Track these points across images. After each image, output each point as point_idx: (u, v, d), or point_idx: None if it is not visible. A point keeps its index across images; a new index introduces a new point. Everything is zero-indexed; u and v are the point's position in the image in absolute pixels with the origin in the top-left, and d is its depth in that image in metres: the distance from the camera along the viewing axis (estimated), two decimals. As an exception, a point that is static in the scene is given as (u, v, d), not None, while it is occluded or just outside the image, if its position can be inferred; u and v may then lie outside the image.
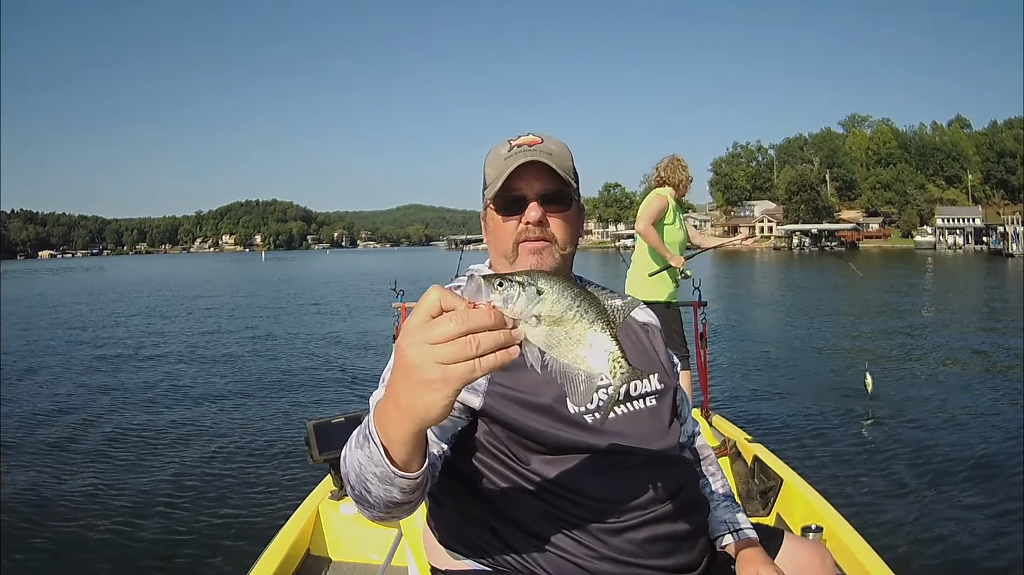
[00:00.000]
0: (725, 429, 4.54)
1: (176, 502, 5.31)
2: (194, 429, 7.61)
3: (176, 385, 10.10)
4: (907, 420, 7.49)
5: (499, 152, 1.39)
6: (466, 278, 1.39)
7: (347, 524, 3.21)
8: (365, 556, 3.14)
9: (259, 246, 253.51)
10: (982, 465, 5.97)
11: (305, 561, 3.09)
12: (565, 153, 1.41)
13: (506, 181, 1.33)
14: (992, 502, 5.08)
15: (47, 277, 58.85)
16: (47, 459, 6.51)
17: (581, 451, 1.29)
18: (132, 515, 5.03)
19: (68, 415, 8.30)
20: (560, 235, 1.37)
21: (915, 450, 6.41)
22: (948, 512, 4.92)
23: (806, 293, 25.87)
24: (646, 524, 1.28)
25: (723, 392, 8.80)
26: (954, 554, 4.30)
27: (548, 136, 1.42)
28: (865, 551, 2.79)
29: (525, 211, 1.35)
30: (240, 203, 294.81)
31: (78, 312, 22.36)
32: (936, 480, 5.61)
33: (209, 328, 17.53)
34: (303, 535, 3.12)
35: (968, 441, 6.65)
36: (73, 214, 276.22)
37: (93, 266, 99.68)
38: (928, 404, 8.18)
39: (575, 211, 1.41)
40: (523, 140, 1.39)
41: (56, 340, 15.49)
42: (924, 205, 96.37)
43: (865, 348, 12.33)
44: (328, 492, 3.42)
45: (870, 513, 4.77)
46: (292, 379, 10.32)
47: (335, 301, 24.93)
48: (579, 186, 1.46)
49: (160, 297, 29.36)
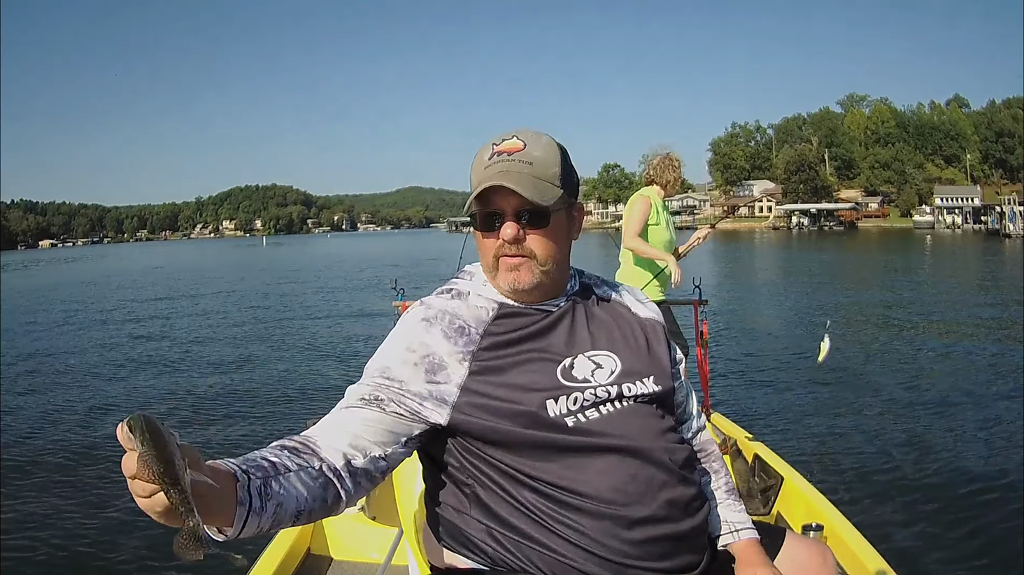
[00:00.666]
0: (725, 427, 4.50)
1: None
2: (194, 429, 7.60)
3: (175, 385, 10.00)
4: (908, 418, 7.50)
5: (482, 157, 1.35)
6: (464, 276, 1.46)
7: (347, 523, 3.22)
8: (365, 555, 3.15)
9: (259, 231, 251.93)
10: (983, 463, 5.95)
11: (305, 560, 3.12)
12: (549, 158, 1.34)
13: (482, 194, 1.31)
14: (993, 500, 5.07)
15: (46, 269, 58.17)
16: (46, 460, 6.52)
17: (570, 453, 1.28)
18: (131, 513, 4.93)
19: (66, 414, 8.24)
20: (539, 251, 1.33)
21: (916, 447, 6.42)
22: (949, 510, 4.91)
23: (806, 282, 25.46)
24: (642, 525, 1.26)
25: (723, 390, 8.79)
26: (955, 552, 4.30)
27: (535, 136, 1.36)
28: (866, 549, 2.78)
29: (500, 228, 1.32)
30: (240, 188, 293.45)
31: (74, 308, 21.81)
32: (937, 478, 5.61)
33: (210, 324, 17.41)
34: (303, 534, 3.14)
35: (969, 440, 6.67)
36: (73, 203, 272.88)
37: (94, 255, 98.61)
38: (928, 402, 8.14)
39: (559, 223, 1.36)
40: (505, 146, 1.34)
41: (52, 338, 15.22)
42: (923, 184, 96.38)
43: (865, 346, 12.32)
44: None
45: (871, 511, 4.78)
46: (291, 378, 10.29)
47: (337, 290, 24.98)
48: (575, 181, 1.41)
49: (159, 290, 28.52)
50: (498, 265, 1.35)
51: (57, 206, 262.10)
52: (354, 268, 39.29)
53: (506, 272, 1.34)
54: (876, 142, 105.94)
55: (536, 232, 1.33)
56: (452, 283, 1.45)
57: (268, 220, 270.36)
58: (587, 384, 1.33)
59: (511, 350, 1.34)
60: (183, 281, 32.59)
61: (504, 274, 1.35)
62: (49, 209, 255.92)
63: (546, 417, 1.28)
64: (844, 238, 67.65)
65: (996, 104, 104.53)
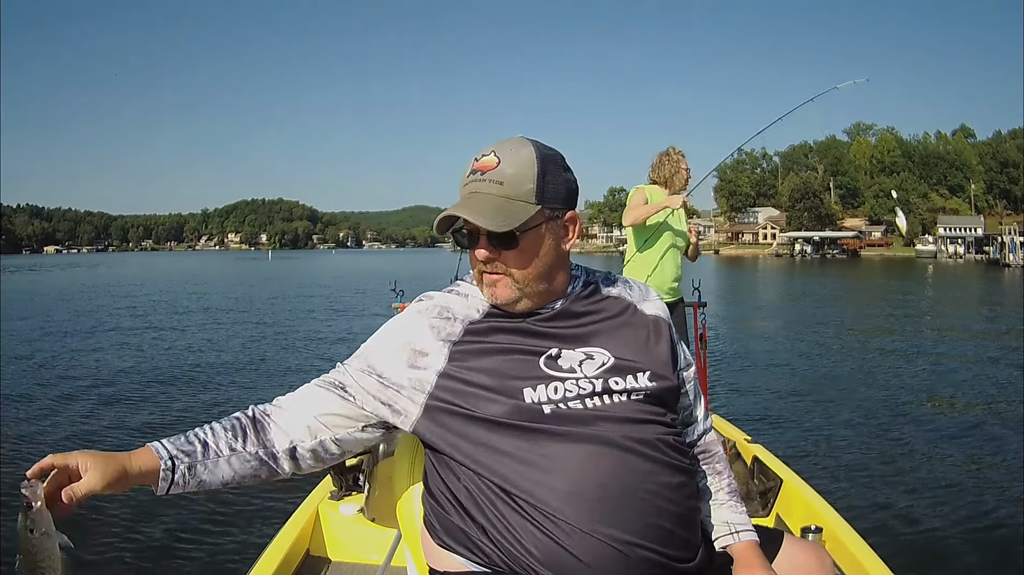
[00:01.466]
0: (725, 430, 4.47)
1: (176, 502, 5.24)
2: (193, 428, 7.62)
3: (175, 384, 10.08)
4: (907, 421, 7.56)
5: (465, 171, 1.36)
6: (469, 279, 1.45)
7: (347, 524, 3.23)
8: (365, 556, 3.15)
9: (264, 245, 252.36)
10: (982, 466, 5.98)
11: (305, 561, 3.12)
12: (524, 175, 1.32)
13: (453, 215, 1.31)
14: (993, 504, 5.10)
15: (49, 274, 57.82)
16: (42, 455, 6.55)
17: (547, 441, 1.27)
18: (132, 515, 5.04)
19: (65, 415, 8.23)
20: (515, 269, 1.33)
21: (915, 451, 6.46)
22: (948, 513, 4.93)
23: (803, 297, 26.02)
24: (625, 520, 1.25)
25: (723, 393, 8.90)
26: (954, 555, 4.31)
27: (513, 151, 1.34)
28: (865, 552, 2.78)
29: (476, 249, 1.34)
30: (246, 201, 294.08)
31: (78, 314, 21.50)
32: (936, 481, 5.63)
33: (210, 327, 17.57)
34: (303, 535, 3.15)
35: (968, 442, 6.70)
36: (79, 210, 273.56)
37: (100, 263, 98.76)
38: (928, 405, 8.25)
39: (535, 239, 1.33)
40: (481, 163, 1.33)
41: (53, 342, 15.09)
42: (927, 214, 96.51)
43: (865, 350, 12.50)
44: (328, 492, 3.47)
45: (870, 514, 4.81)
46: (292, 379, 9.90)
47: (342, 296, 25.59)
48: (569, 189, 1.38)
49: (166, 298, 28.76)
50: (482, 279, 1.37)
51: (63, 212, 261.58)
52: (358, 279, 40.28)
53: (487, 287, 1.36)
54: (881, 171, 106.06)
55: (510, 251, 1.32)
56: (458, 284, 1.47)
57: (273, 234, 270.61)
58: (572, 375, 1.33)
59: (492, 338, 1.35)
60: (201, 289, 32.86)
61: (485, 288, 1.37)
62: (55, 215, 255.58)
63: (522, 403, 1.28)
64: (845, 265, 68.44)
65: (1002, 135, 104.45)
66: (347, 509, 3.27)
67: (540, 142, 1.37)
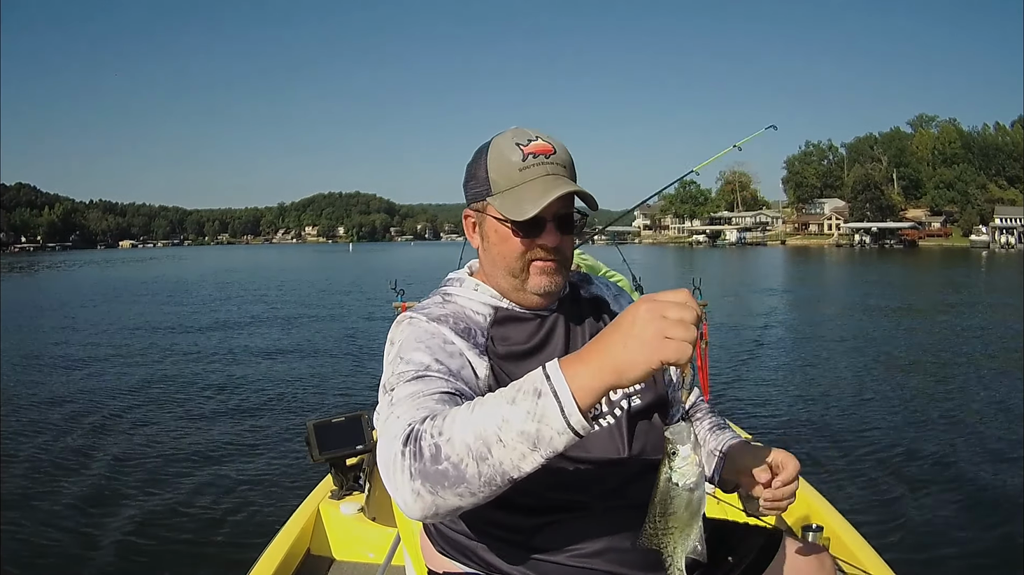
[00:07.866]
0: None
1: (176, 501, 5.27)
2: (194, 428, 7.47)
3: (174, 385, 10.04)
4: (908, 419, 7.48)
5: (508, 157, 1.29)
6: (452, 284, 1.44)
7: (347, 524, 3.20)
8: (365, 556, 3.14)
9: (342, 238, 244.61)
10: (984, 464, 5.92)
11: (305, 561, 3.10)
12: (571, 162, 1.33)
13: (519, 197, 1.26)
14: (994, 502, 5.14)
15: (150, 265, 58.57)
16: (43, 460, 6.44)
17: (562, 459, 1.14)
18: (133, 514, 5.04)
19: (64, 415, 8.22)
20: (569, 255, 1.34)
21: (916, 450, 6.36)
22: (949, 511, 4.96)
23: (817, 289, 26.45)
24: (635, 531, 1.15)
25: (724, 392, 8.79)
26: (954, 553, 4.33)
27: (552, 139, 1.32)
28: (865, 551, 2.77)
29: (542, 234, 1.28)
30: (323, 195, 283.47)
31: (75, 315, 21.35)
32: (937, 479, 5.62)
33: (212, 325, 17.78)
34: (303, 535, 3.13)
35: (969, 440, 6.63)
36: (153, 204, 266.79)
37: (174, 255, 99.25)
38: (930, 407, 8.10)
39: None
40: (536, 147, 1.29)
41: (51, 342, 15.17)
42: (984, 205, 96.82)
43: (867, 349, 12.51)
44: (328, 492, 3.41)
45: (870, 513, 4.82)
46: (292, 378, 10.36)
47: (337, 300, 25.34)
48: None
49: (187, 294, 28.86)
50: (528, 268, 1.32)
51: (137, 207, 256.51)
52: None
53: (539, 276, 1.32)
54: (943, 162, 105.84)
55: (568, 236, 1.33)
56: (442, 290, 1.43)
57: (351, 227, 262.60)
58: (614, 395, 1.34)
59: (516, 362, 1.31)
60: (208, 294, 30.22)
61: (536, 278, 1.32)
62: (129, 210, 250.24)
63: None
64: (902, 255, 67.60)
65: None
66: (347, 508, 3.26)
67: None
